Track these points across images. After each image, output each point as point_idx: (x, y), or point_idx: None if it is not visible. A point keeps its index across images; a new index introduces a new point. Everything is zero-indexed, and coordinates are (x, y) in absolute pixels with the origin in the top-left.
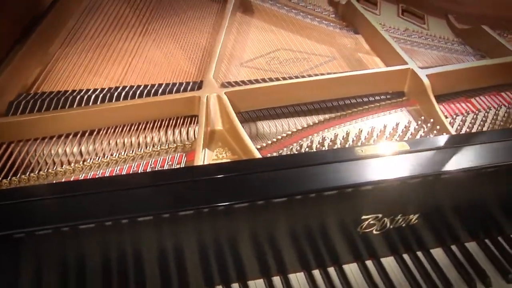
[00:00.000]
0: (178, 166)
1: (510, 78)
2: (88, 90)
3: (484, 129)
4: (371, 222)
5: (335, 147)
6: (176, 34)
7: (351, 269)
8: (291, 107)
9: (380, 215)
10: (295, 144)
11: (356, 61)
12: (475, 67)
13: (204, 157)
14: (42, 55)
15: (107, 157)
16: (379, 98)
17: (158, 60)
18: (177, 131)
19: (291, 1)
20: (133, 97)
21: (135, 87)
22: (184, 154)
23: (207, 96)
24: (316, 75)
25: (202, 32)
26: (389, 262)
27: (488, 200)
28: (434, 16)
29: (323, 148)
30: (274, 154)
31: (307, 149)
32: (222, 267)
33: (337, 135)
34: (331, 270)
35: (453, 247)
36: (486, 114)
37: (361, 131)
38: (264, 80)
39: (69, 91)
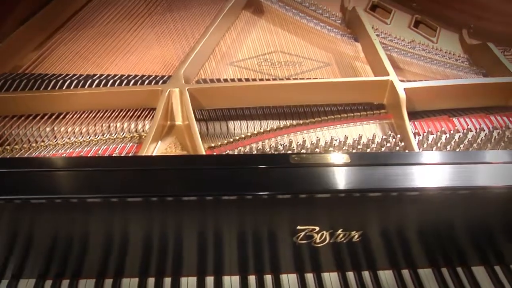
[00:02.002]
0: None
1: (500, 100)
2: (67, 75)
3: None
4: (308, 233)
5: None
6: (175, 29)
7: (289, 279)
8: (261, 109)
9: (317, 228)
10: (253, 146)
11: (351, 69)
12: (457, 85)
13: (154, 149)
14: (40, 39)
15: (64, 139)
16: (353, 108)
17: (149, 52)
18: (140, 123)
19: (302, 5)
20: (105, 85)
21: (111, 75)
22: (135, 145)
23: (169, 91)
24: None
25: (201, 29)
26: (330, 277)
27: (437, 225)
28: (449, 29)
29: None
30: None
31: (254, 152)
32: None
33: (292, 141)
34: (268, 277)
35: (404, 272)
36: (461, 136)
37: (319, 139)
38: (240, 80)
39: (49, 74)
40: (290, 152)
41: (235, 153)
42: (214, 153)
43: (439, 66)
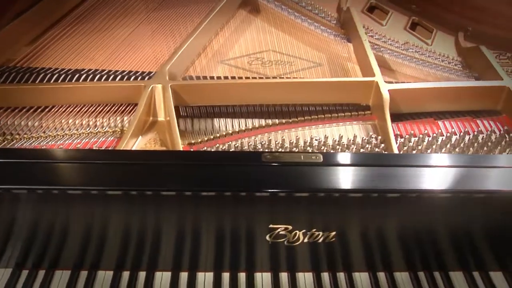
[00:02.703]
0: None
1: (488, 104)
2: (56, 69)
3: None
4: (281, 232)
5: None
6: (169, 27)
7: (263, 278)
8: (245, 107)
9: (290, 227)
10: (232, 143)
11: (342, 70)
12: (443, 88)
13: (134, 144)
14: (34, 33)
15: (46, 132)
16: (338, 108)
17: (143, 49)
18: (123, 118)
19: (298, 4)
20: (92, 79)
21: (99, 70)
22: (116, 140)
23: (152, 87)
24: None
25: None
26: (305, 277)
27: (412, 228)
28: (447, 32)
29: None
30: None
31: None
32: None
33: (271, 139)
34: (242, 275)
35: (380, 274)
36: (443, 139)
37: (298, 139)
38: (226, 78)
39: (38, 68)
40: (267, 150)
41: (213, 150)
42: (191, 150)
43: (431, 68)
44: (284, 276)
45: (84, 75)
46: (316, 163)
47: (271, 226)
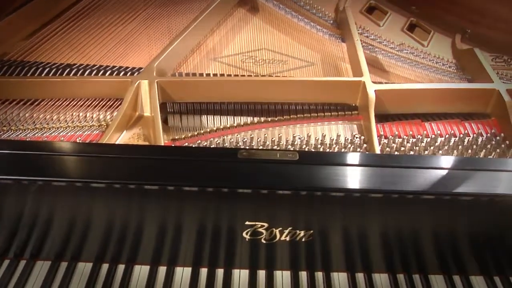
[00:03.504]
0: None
1: (477, 107)
2: (48, 63)
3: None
4: (258, 230)
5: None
6: (167, 24)
7: (240, 275)
8: (231, 105)
9: (265, 224)
10: (213, 140)
11: (335, 70)
12: (430, 89)
13: (118, 138)
14: (32, 28)
15: (35, 124)
16: (325, 108)
17: (138, 45)
18: (110, 112)
19: (297, 4)
20: (82, 74)
21: (90, 65)
22: (101, 134)
23: (139, 82)
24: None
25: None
26: (282, 276)
27: (389, 228)
28: (445, 34)
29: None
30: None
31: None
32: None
33: (253, 137)
34: (219, 271)
35: (359, 275)
36: (428, 141)
37: (281, 137)
38: (217, 75)
39: (31, 62)
40: (247, 147)
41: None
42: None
43: (424, 70)
44: (261, 274)
45: (75, 69)
46: (292, 161)
47: (247, 223)
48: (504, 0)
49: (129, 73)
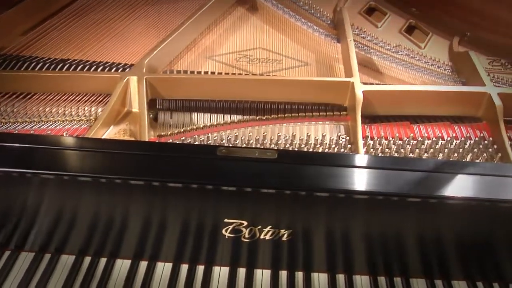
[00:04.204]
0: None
1: (468, 110)
2: (42, 58)
3: None
4: (237, 227)
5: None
6: (165, 21)
7: (221, 272)
8: (220, 103)
9: (245, 222)
10: (196, 137)
11: (329, 70)
12: (419, 91)
13: (105, 133)
14: (31, 23)
15: (24, 117)
16: (314, 108)
17: (134, 41)
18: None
19: (296, 4)
20: (75, 69)
21: (83, 61)
22: (88, 128)
23: (127, 78)
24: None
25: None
26: (262, 274)
27: (369, 229)
28: (444, 37)
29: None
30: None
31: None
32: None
33: (237, 135)
34: (200, 268)
35: (340, 276)
36: (415, 143)
37: (265, 135)
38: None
39: (26, 56)
40: (228, 145)
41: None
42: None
43: (418, 72)
44: (241, 272)
45: (68, 65)
46: (270, 159)
47: (226, 220)
48: (504, 3)
49: (120, 70)
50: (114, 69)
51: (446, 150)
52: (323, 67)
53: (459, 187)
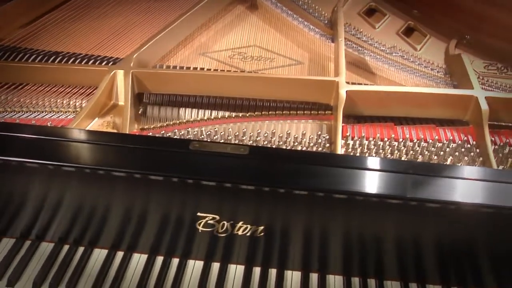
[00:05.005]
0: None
1: (455, 113)
2: (36, 50)
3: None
4: (209, 222)
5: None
6: (166, 17)
7: (195, 266)
8: (207, 98)
9: (217, 217)
10: (180, 132)
11: (322, 69)
12: (405, 92)
13: (89, 124)
14: (31, 16)
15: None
16: (298, 106)
17: (131, 36)
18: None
19: (295, 3)
20: (67, 62)
21: (76, 53)
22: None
23: (114, 72)
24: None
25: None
26: (235, 269)
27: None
28: (442, 39)
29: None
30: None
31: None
32: None
33: (217, 130)
34: (175, 261)
35: (313, 275)
36: (396, 145)
37: (245, 132)
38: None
39: (21, 48)
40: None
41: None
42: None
43: (411, 73)
44: (215, 267)
45: (61, 57)
46: (241, 155)
47: (199, 214)
48: (505, 6)
49: (111, 63)
50: (105, 62)
51: (426, 152)
52: (316, 66)
53: (436, 190)
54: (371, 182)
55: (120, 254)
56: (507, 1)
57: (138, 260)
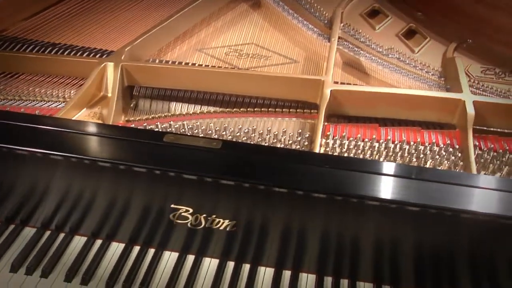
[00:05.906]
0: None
1: (443, 117)
2: (36, 41)
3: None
4: (183, 214)
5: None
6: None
7: (170, 257)
8: (194, 93)
9: (190, 209)
10: (163, 125)
11: (316, 68)
12: (391, 94)
13: (76, 114)
14: (34, 9)
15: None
16: (284, 104)
17: (131, 31)
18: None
19: (297, 2)
20: (62, 53)
21: (73, 45)
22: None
23: (104, 64)
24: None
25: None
26: (209, 263)
27: (309, 227)
28: (443, 43)
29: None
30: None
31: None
32: None
33: (198, 125)
34: (150, 251)
35: (286, 272)
36: (377, 146)
37: (225, 127)
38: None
39: (21, 38)
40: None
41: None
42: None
43: (405, 75)
44: (190, 259)
45: (57, 48)
46: (212, 148)
47: (172, 206)
48: (507, 10)
49: (105, 56)
50: (99, 55)
51: (406, 155)
52: (311, 65)
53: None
54: (333, 181)
55: (98, 242)
56: (510, 5)
57: (116, 249)
